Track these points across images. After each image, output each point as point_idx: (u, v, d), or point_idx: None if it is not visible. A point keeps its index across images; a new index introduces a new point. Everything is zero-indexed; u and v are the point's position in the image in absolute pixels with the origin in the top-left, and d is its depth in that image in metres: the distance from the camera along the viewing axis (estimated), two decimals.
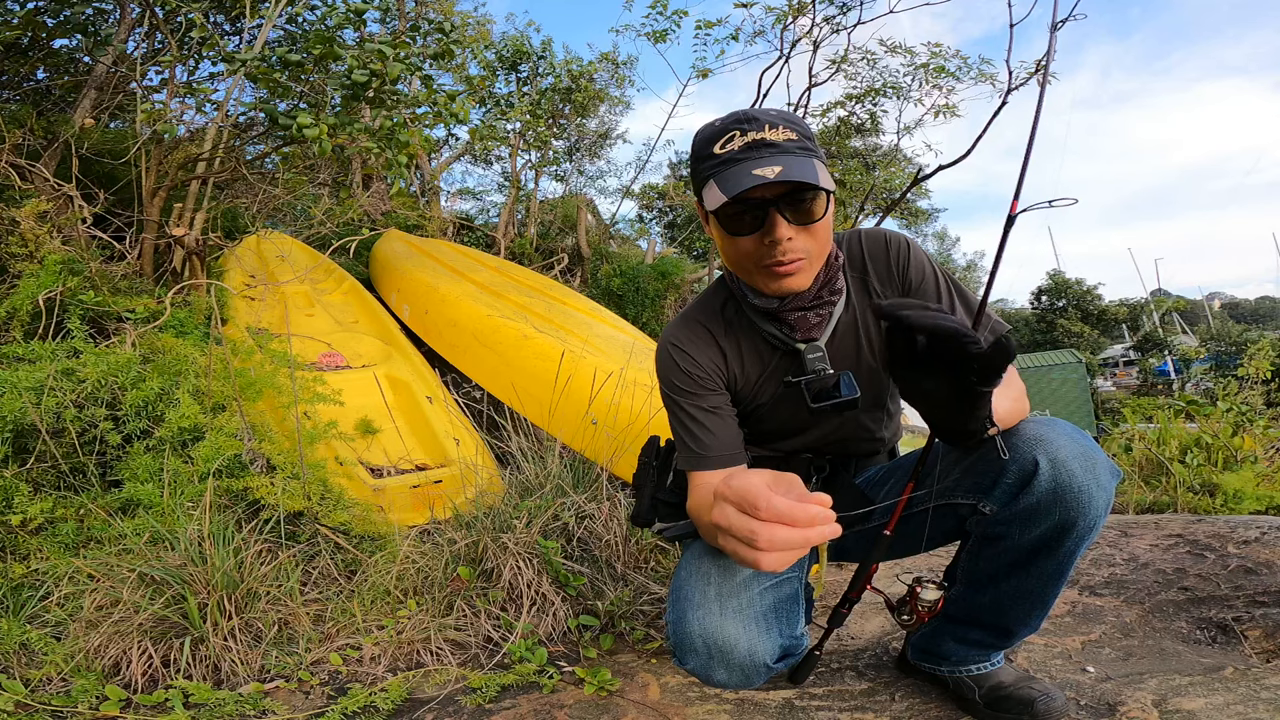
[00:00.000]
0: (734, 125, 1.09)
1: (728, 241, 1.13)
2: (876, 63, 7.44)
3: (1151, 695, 1.31)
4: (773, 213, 1.07)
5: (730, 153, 1.08)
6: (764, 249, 1.10)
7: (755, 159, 1.06)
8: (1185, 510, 2.94)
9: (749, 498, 0.82)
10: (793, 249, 1.09)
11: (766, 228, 1.08)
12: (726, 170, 1.07)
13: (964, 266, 28.72)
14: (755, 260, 1.12)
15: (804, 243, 1.10)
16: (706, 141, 1.12)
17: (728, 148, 1.08)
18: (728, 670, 1.12)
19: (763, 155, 1.06)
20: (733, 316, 1.28)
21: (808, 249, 1.11)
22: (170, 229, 3.04)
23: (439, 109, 3.36)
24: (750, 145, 1.07)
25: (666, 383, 1.26)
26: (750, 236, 1.10)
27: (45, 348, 2.10)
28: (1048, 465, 1.04)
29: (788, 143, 1.07)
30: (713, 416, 1.23)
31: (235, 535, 1.68)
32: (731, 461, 1.20)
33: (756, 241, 1.10)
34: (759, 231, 1.09)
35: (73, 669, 1.42)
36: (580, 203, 7.68)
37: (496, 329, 3.01)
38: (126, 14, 3.75)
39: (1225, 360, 17.55)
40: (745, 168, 1.05)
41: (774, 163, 1.04)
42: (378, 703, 1.41)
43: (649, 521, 1.36)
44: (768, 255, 1.10)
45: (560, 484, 2.06)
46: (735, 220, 1.09)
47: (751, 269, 1.14)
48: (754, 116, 1.10)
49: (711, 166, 1.10)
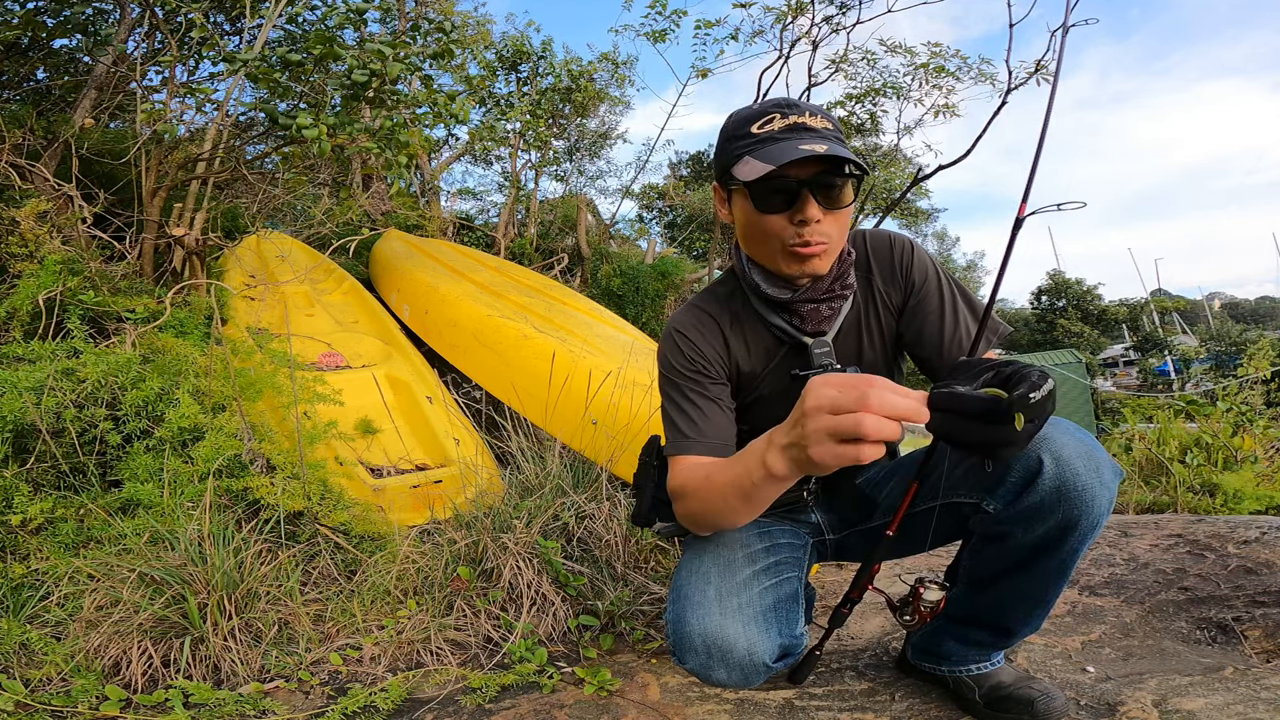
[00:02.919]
0: (774, 109, 1.13)
1: (755, 219, 1.15)
2: (876, 62, 7.45)
3: (1151, 695, 1.31)
4: (805, 193, 1.10)
5: (770, 132, 1.11)
6: (791, 229, 1.13)
7: (797, 139, 1.09)
8: (1185, 510, 2.94)
9: (854, 380, 0.82)
10: (819, 232, 1.12)
11: (798, 207, 1.11)
12: (766, 147, 1.10)
13: (964, 266, 28.75)
14: (780, 241, 1.14)
15: (829, 227, 1.13)
16: (743, 122, 1.15)
17: (767, 128, 1.12)
18: (727, 670, 1.12)
19: (804, 137, 1.10)
20: (739, 308, 1.28)
21: (831, 234, 1.14)
22: (170, 229, 3.03)
23: (439, 109, 3.36)
24: (791, 127, 1.11)
25: (667, 367, 1.26)
26: (780, 215, 1.13)
27: (45, 348, 2.10)
28: (1052, 464, 1.04)
29: (825, 130, 1.12)
30: (711, 404, 1.22)
31: (235, 535, 1.68)
32: (723, 450, 1.18)
33: (785, 221, 1.13)
34: (790, 211, 1.12)
35: (73, 669, 1.42)
36: (580, 203, 7.67)
37: (496, 329, 3.01)
38: (126, 14, 3.75)
39: (1225, 360, 17.55)
40: (790, 144, 1.08)
41: (818, 142, 1.08)
42: (378, 703, 1.41)
43: (649, 521, 1.36)
44: (794, 236, 1.13)
45: (560, 484, 2.06)
46: (767, 198, 1.12)
47: (775, 250, 1.16)
48: (795, 103, 1.14)
49: (748, 144, 1.13)
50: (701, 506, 1.13)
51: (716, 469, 1.10)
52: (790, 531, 1.33)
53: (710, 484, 1.10)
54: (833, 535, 1.39)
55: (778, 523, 1.34)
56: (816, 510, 1.39)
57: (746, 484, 1.00)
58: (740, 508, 1.06)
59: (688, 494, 1.15)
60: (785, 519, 1.37)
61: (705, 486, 1.11)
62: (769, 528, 1.31)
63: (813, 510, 1.39)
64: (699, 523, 1.18)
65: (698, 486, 1.13)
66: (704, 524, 1.17)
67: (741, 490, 1.02)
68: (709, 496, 1.10)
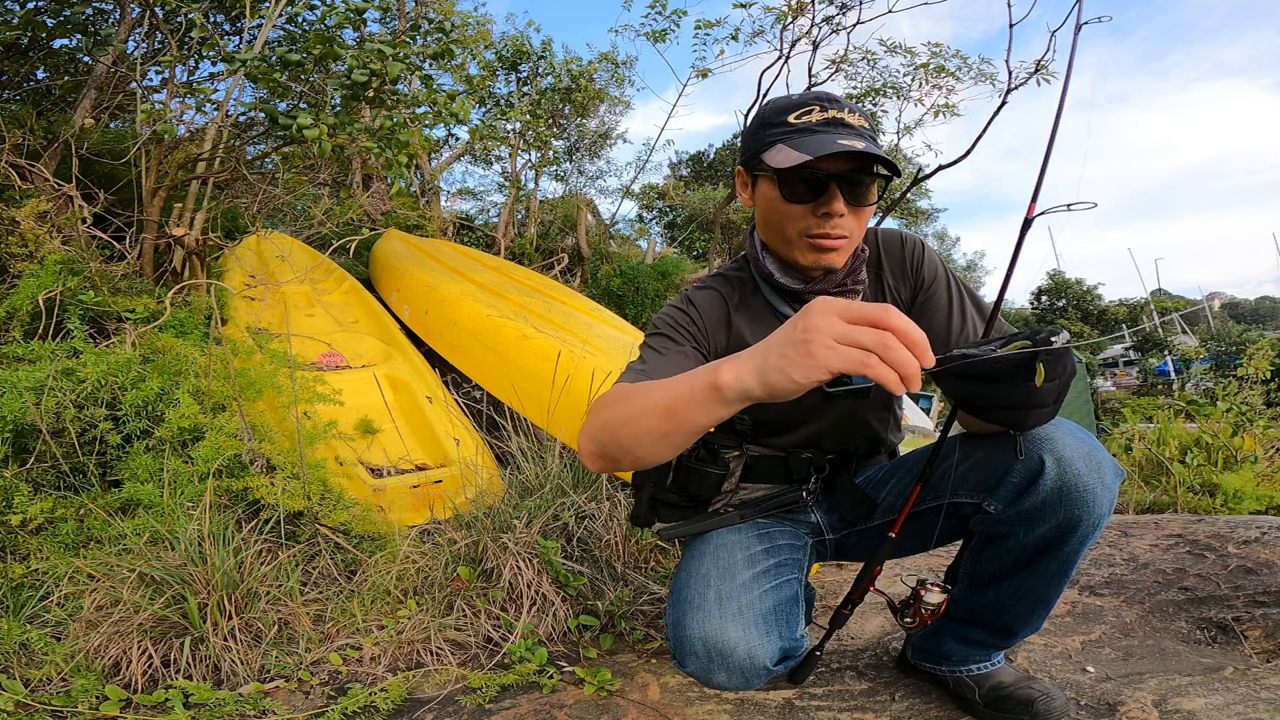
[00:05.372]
0: (814, 101, 1.15)
1: (779, 206, 1.16)
2: (876, 63, 7.46)
3: (1151, 695, 1.31)
4: (833, 187, 1.11)
5: (808, 124, 1.13)
6: (813, 221, 1.14)
7: (836, 133, 1.11)
8: (1185, 510, 2.94)
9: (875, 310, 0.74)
10: (842, 226, 1.14)
11: (824, 200, 1.12)
12: (803, 137, 1.12)
13: (964, 267, 28.72)
14: (801, 230, 1.16)
15: (850, 223, 1.15)
16: (781, 110, 1.16)
17: (805, 119, 1.13)
18: (728, 673, 1.12)
19: (841, 132, 1.11)
20: (749, 294, 1.30)
21: (852, 230, 1.16)
22: (170, 229, 3.04)
23: (439, 109, 3.36)
24: (830, 121, 1.13)
25: (659, 321, 1.26)
26: (804, 205, 1.14)
27: (45, 348, 2.10)
28: (1053, 464, 1.04)
29: (862, 129, 1.14)
30: (683, 360, 1.17)
31: (235, 535, 1.67)
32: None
33: (808, 212, 1.14)
34: (815, 202, 1.13)
35: (73, 669, 1.42)
36: (580, 203, 7.68)
37: (496, 329, 3.01)
38: (126, 14, 3.75)
39: (1225, 360, 17.54)
40: (829, 137, 1.09)
41: (855, 139, 1.09)
42: (378, 703, 1.41)
43: (648, 522, 1.36)
44: (816, 227, 1.14)
45: (560, 484, 2.06)
46: (796, 187, 1.14)
47: (794, 239, 1.17)
48: (835, 98, 1.16)
49: (785, 133, 1.14)
50: (615, 414, 0.98)
51: (653, 383, 0.97)
52: (790, 532, 1.33)
53: (636, 392, 0.97)
54: (832, 535, 1.39)
55: (777, 523, 1.34)
56: (816, 510, 1.39)
57: (679, 394, 0.88)
58: (656, 426, 0.90)
59: (606, 402, 1.02)
60: (784, 519, 1.37)
61: (630, 394, 0.98)
62: (768, 529, 1.32)
63: (812, 510, 1.39)
64: (601, 438, 0.99)
65: (624, 394, 0.99)
66: (608, 440, 0.98)
67: (669, 403, 0.89)
68: (630, 402, 0.96)
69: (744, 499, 1.36)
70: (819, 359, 0.74)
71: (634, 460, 0.97)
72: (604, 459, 1.00)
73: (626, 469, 1.04)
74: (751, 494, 1.37)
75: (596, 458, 1.00)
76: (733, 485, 1.34)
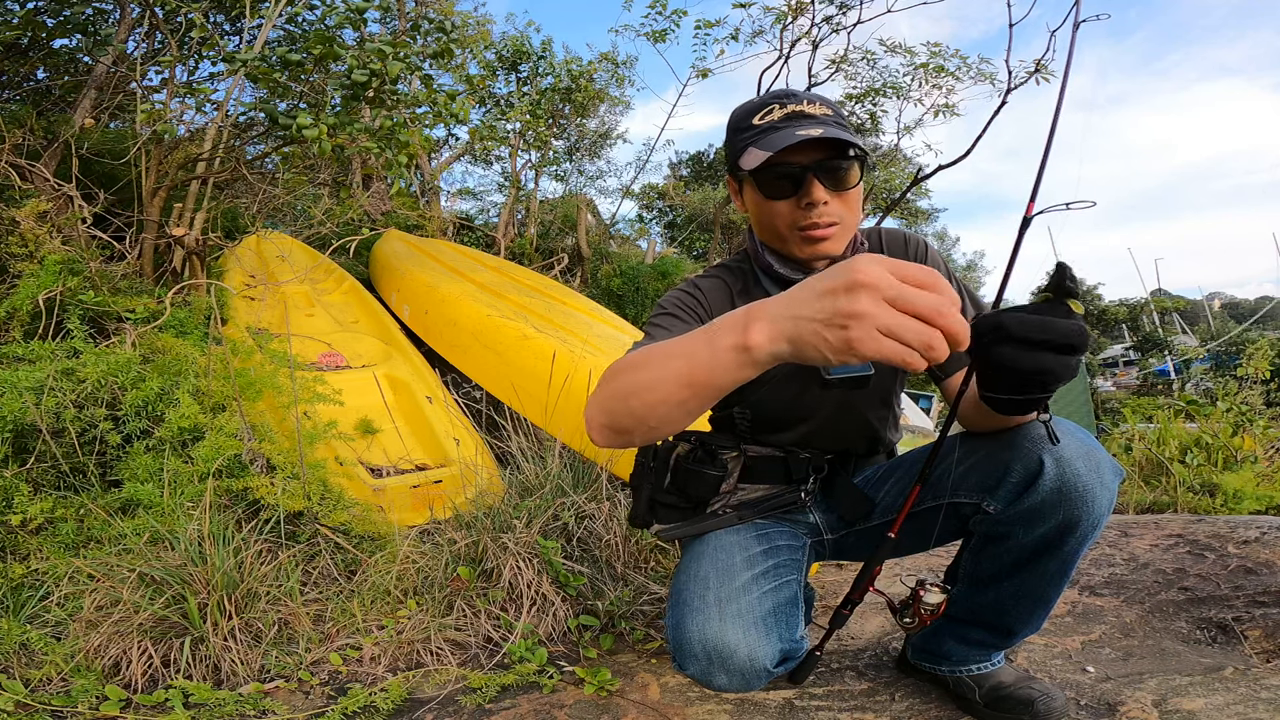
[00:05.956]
0: (773, 100, 1.18)
1: (764, 206, 1.19)
2: (876, 62, 7.46)
3: (1151, 695, 1.31)
4: (810, 177, 1.13)
5: (770, 122, 1.16)
6: (800, 213, 1.16)
7: (795, 126, 1.13)
8: (1185, 510, 2.94)
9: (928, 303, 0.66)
10: (828, 213, 1.15)
11: (803, 191, 1.14)
12: (767, 136, 1.15)
13: (964, 266, 28.71)
14: (790, 225, 1.18)
15: (838, 208, 1.16)
16: (745, 115, 1.20)
17: (767, 118, 1.17)
18: (728, 676, 1.12)
19: (801, 124, 1.14)
20: (751, 284, 1.31)
21: (841, 214, 1.17)
22: (170, 229, 3.03)
23: (439, 109, 3.36)
24: (789, 115, 1.15)
25: (666, 302, 1.27)
26: (787, 201, 1.16)
27: (45, 348, 2.10)
28: (1053, 464, 1.04)
29: (824, 116, 1.16)
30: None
31: (235, 535, 1.67)
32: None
33: (792, 206, 1.16)
34: (796, 196, 1.15)
35: (73, 669, 1.42)
36: (580, 203, 7.67)
37: (496, 329, 3.01)
38: (126, 14, 3.75)
39: (1225, 360, 17.54)
40: (788, 131, 1.13)
41: (814, 127, 1.12)
42: (378, 703, 1.41)
43: (647, 523, 1.36)
44: (803, 219, 1.16)
45: (560, 484, 2.06)
46: (773, 185, 1.16)
47: (787, 234, 1.19)
48: (792, 92, 1.19)
49: (751, 135, 1.17)
50: (626, 381, 0.92)
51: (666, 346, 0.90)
52: (788, 533, 1.33)
53: (649, 357, 0.90)
54: (831, 535, 1.39)
55: (776, 524, 1.34)
56: (814, 510, 1.39)
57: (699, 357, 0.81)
58: (674, 393, 0.85)
59: (616, 370, 0.96)
60: (783, 520, 1.37)
61: (642, 360, 0.91)
62: (767, 530, 1.32)
63: (810, 510, 1.39)
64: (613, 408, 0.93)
65: (636, 361, 0.92)
66: (620, 409, 0.92)
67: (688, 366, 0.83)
68: (644, 369, 0.89)
69: (742, 500, 1.36)
70: (858, 349, 0.67)
71: (647, 431, 0.91)
72: (614, 430, 0.94)
73: (637, 442, 0.96)
74: (750, 495, 1.37)
75: (606, 429, 0.94)
76: (731, 486, 1.34)
